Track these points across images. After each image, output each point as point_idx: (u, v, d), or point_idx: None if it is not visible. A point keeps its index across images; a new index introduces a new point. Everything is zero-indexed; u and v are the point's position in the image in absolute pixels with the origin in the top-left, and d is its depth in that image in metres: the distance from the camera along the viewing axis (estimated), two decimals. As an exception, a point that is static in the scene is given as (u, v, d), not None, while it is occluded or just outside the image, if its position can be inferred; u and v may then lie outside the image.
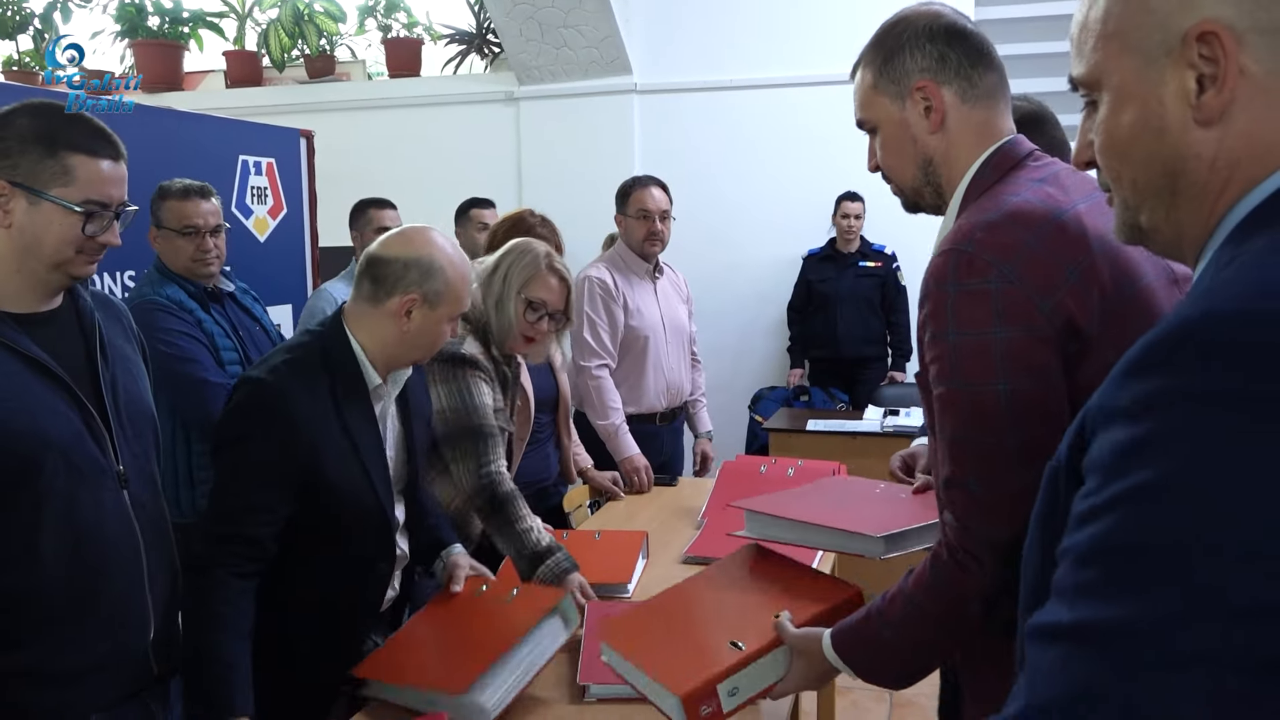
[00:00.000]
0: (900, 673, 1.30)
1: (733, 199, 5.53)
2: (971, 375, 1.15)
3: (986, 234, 1.16)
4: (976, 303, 1.14)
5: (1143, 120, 0.76)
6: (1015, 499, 1.10)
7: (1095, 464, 0.66)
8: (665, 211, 3.41)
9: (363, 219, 3.70)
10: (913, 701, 3.45)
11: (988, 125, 1.30)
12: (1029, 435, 1.12)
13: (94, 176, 1.49)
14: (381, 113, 6.14)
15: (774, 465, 2.84)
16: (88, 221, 1.49)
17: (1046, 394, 1.13)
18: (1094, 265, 1.14)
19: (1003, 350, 1.12)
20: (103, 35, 6.61)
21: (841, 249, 5.30)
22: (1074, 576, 0.64)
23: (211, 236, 2.69)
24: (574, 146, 5.73)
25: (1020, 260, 1.13)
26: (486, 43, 6.32)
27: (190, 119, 3.63)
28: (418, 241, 1.85)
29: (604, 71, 5.66)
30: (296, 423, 1.70)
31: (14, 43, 6.53)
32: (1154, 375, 0.64)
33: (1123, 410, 0.65)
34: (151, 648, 1.59)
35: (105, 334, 1.62)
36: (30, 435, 1.43)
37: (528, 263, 2.38)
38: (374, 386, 1.84)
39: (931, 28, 1.30)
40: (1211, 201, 0.74)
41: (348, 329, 1.83)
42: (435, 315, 1.83)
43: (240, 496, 1.69)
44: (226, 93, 6.67)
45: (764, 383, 5.54)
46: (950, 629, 1.23)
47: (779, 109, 5.53)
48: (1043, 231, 1.15)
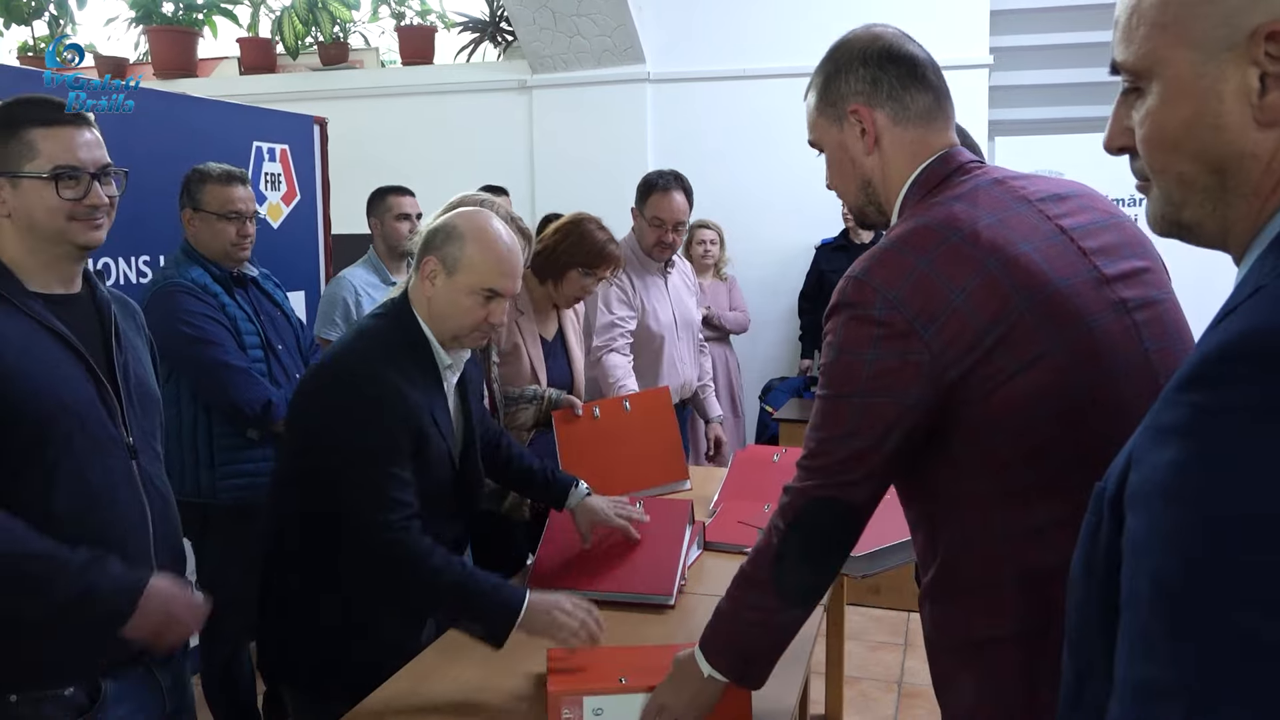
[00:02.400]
0: (731, 651, 1.43)
1: (745, 188, 5.52)
2: (836, 386, 1.27)
3: (877, 264, 1.24)
4: (860, 326, 1.23)
5: (1198, 116, 0.74)
6: (832, 477, 1.28)
7: (1150, 487, 0.65)
8: (680, 222, 3.34)
9: (381, 205, 3.71)
10: (921, 692, 3.46)
11: (921, 144, 1.35)
12: (862, 440, 1.24)
13: (56, 144, 1.54)
14: (394, 100, 6.14)
15: (786, 455, 2.84)
16: (60, 186, 1.54)
17: (893, 410, 1.22)
18: (990, 282, 1.19)
19: (871, 370, 1.22)
20: (117, 21, 6.64)
21: (854, 239, 5.28)
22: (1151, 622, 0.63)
23: (250, 222, 2.74)
24: (586, 135, 5.72)
25: (906, 285, 1.20)
26: (500, 31, 6.31)
27: (205, 105, 3.64)
28: (454, 214, 1.88)
29: (617, 60, 5.65)
30: (396, 399, 1.75)
31: (30, 29, 6.55)
32: (1208, 388, 0.63)
33: (1177, 428, 0.64)
34: None
35: (120, 325, 1.69)
36: (50, 396, 1.51)
37: None
38: (445, 366, 1.88)
39: (865, 52, 1.35)
40: (1262, 200, 0.73)
41: (413, 305, 1.87)
42: (454, 284, 1.81)
43: (380, 479, 1.73)
44: (240, 79, 6.68)
45: (775, 372, 5.54)
46: (757, 595, 1.38)
47: (792, 98, 5.46)
48: (933, 255, 1.21)
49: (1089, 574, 0.75)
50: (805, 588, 1.39)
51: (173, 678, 1.71)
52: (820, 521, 1.30)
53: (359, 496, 1.73)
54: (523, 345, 2.72)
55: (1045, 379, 1.17)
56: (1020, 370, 1.17)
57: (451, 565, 1.74)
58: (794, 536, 1.32)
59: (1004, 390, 1.18)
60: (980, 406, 1.19)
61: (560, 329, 2.95)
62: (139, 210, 2.90)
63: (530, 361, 2.74)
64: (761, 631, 1.42)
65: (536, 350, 2.78)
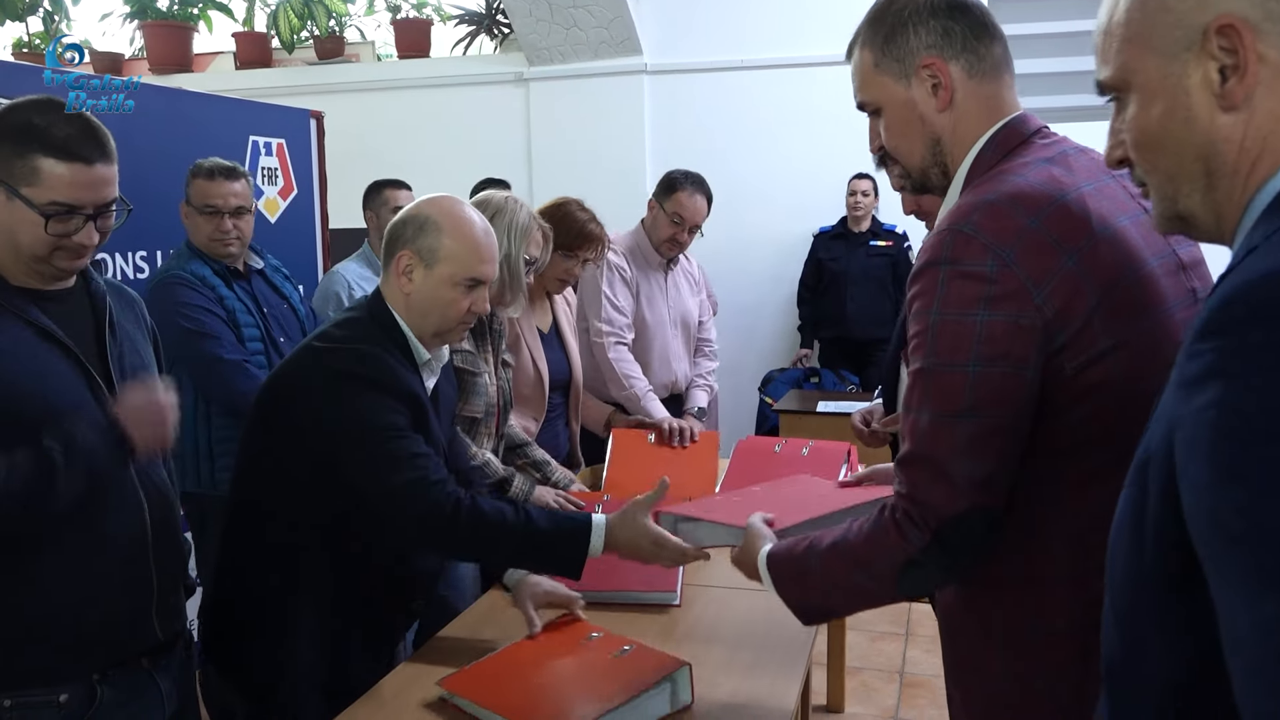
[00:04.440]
0: (805, 602, 1.35)
1: (743, 180, 5.51)
2: (944, 355, 1.14)
3: (986, 216, 1.14)
4: (967, 284, 1.13)
5: (1171, 111, 0.82)
6: (964, 481, 1.12)
7: (1194, 440, 0.68)
8: (697, 225, 3.36)
9: (378, 199, 3.71)
10: (923, 682, 3.46)
11: (996, 100, 1.27)
12: (987, 423, 1.12)
13: (60, 180, 1.46)
14: (391, 94, 6.13)
15: (787, 445, 2.84)
16: (50, 223, 1.47)
17: (1015, 384, 1.11)
18: (1095, 250, 1.13)
19: (983, 334, 1.11)
20: (112, 17, 6.62)
21: (852, 228, 5.28)
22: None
23: (232, 218, 2.72)
24: (584, 127, 5.71)
25: (1019, 245, 1.12)
26: (496, 23, 6.29)
27: (201, 99, 3.62)
28: (424, 201, 1.81)
29: (614, 52, 5.64)
30: (397, 380, 1.70)
31: (24, 24, 6.53)
32: (1225, 334, 0.68)
33: (1206, 372, 0.68)
34: (155, 614, 1.61)
35: (115, 316, 1.64)
36: (38, 397, 1.46)
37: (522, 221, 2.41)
38: (423, 361, 1.81)
39: (933, 2, 1.26)
40: (1243, 181, 0.79)
41: (388, 303, 1.79)
42: (435, 276, 1.74)
43: (402, 455, 1.66)
44: (236, 74, 6.66)
45: (774, 364, 5.53)
46: (865, 576, 1.25)
47: (789, 89, 5.50)
48: (1044, 215, 1.13)
49: (1138, 549, 0.77)
50: (931, 585, 1.30)
51: (172, 681, 1.68)
52: (969, 537, 1.16)
53: (374, 470, 1.65)
54: (522, 338, 2.72)
55: (1124, 363, 1.12)
56: (1109, 350, 1.12)
57: (502, 521, 1.67)
58: (937, 550, 1.18)
59: (1091, 370, 1.12)
60: (1066, 383, 1.13)
61: (555, 320, 2.95)
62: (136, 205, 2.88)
63: (530, 354, 2.73)
64: (846, 599, 1.35)
65: (536, 343, 2.77)
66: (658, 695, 1.58)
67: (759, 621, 1.92)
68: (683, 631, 1.84)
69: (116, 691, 1.57)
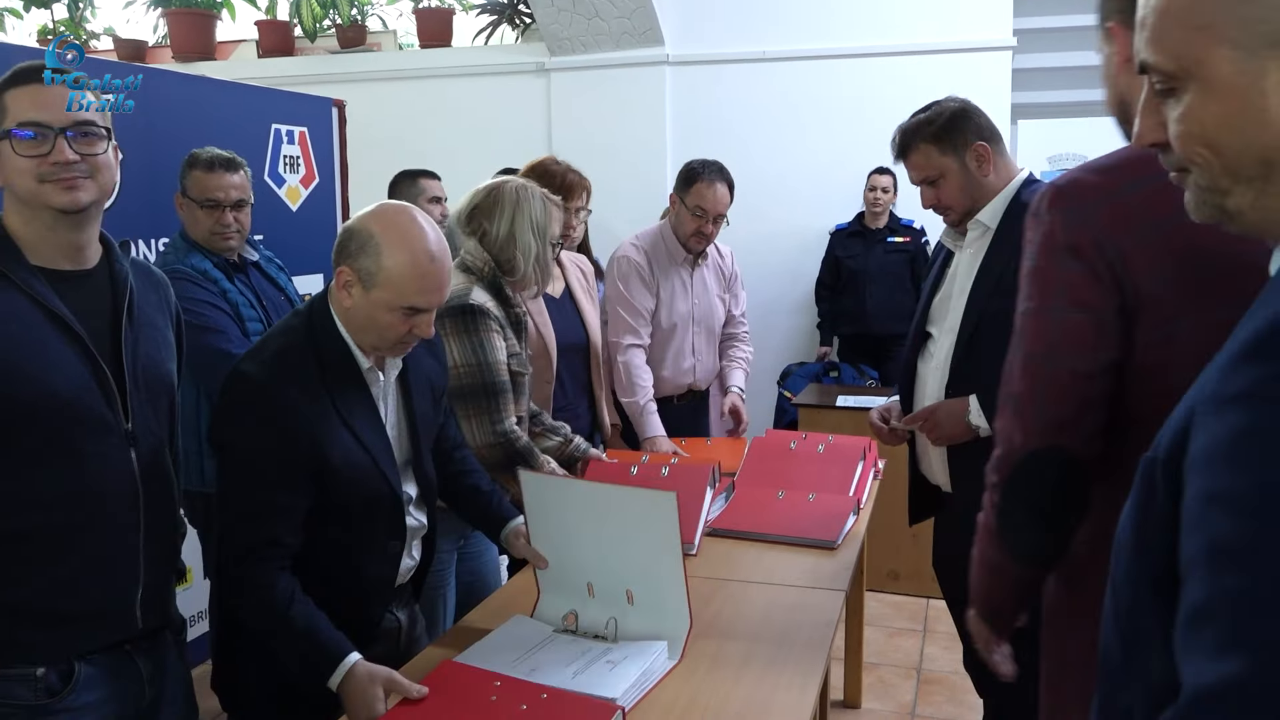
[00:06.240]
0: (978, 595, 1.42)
1: (764, 172, 5.48)
2: (1034, 297, 1.23)
3: (1091, 173, 1.23)
4: (1055, 234, 1.21)
5: (1242, 110, 0.77)
6: (1039, 421, 1.21)
7: (1211, 453, 0.67)
8: (721, 214, 3.28)
9: (414, 189, 3.70)
10: (941, 679, 3.45)
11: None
12: (1070, 368, 1.19)
13: (18, 102, 1.48)
14: (412, 83, 6.13)
15: (804, 441, 2.82)
16: (16, 144, 1.47)
17: (1095, 333, 1.18)
18: (1180, 228, 1.13)
19: (1065, 281, 1.19)
20: (136, 4, 6.65)
21: (869, 224, 5.24)
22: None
23: (233, 211, 2.66)
24: (605, 118, 5.69)
25: (1106, 204, 1.19)
26: (518, 13, 6.28)
27: (224, 87, 3.64)
28: (371, 214, 1.68)
29: (636, 43, 5.62)
30: (291, 415, 1.62)
31: (49, 11, 6.57)
32: (1267, 360, 0.66)
33: (1239, 395, 0.67)
34: (139, 602, 1.61)
35: (136, 299, 1.63)
36: (39, 382, 1.47)
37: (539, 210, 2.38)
38: (365, 369, 1.73)
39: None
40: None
41: (331, 308, 1.71)
42: (371, 300, 1.64)
43: (250, 501, 1.64)
44: (258, 62, 6.68)
45: (793, 358, 5.51)
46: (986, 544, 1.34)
47: (812, 81, 5.47)
48: (1144, 183, 1.18)
49: (1142, 545, 0.77)
50: (1036, 543, 1.28)
51: (154, 665, 1.67)
52: (1040, 479, 1.21)
53: (225, 509, 1.67)
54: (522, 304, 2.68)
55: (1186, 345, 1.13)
56: (1177, 331, 1.15)
57: (276, 608, 1.61)
58: (1010, 493, 1.24)
59: (1167, 346, 1.15)
60: (1139, 354, 1.17)
61: (568, 285, 2.92)
62: (158, 193, 2.90)
63: (533, 319, 2.69)
64: (987, 576, 1.38)
65: (539, 308, 2.73)
66: None
67: (779, 618, 1.91)
68: (702, 626, 1.83)
69: (94, 671, 1.57)
